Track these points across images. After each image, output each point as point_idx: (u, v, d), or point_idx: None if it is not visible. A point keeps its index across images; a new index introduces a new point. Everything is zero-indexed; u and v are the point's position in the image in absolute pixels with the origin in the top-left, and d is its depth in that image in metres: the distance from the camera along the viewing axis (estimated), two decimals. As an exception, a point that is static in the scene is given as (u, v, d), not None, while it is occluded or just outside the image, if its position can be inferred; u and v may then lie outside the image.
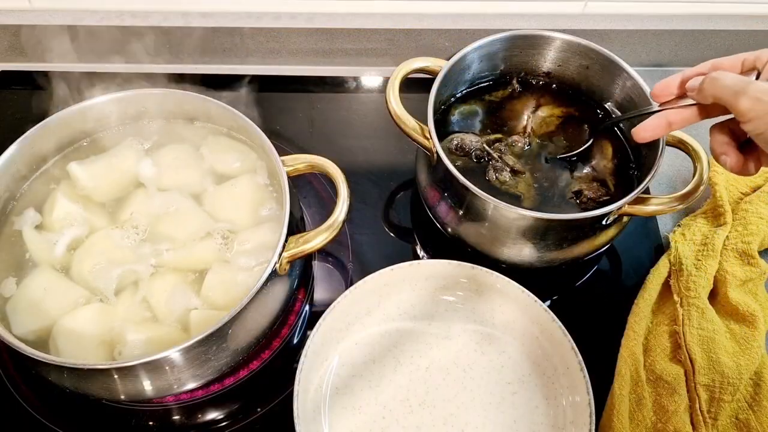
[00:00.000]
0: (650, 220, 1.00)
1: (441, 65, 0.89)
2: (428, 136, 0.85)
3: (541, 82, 1.00)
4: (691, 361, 0.82)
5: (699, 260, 0.90)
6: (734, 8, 1.19)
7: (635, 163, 0.92)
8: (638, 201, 0.82)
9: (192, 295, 0.78)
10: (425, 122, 0.85)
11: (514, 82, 0.99)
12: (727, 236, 0.92)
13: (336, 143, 1.08)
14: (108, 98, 0.88)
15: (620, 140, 0.94)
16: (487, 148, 0.91)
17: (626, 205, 0.81)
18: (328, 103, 1.14)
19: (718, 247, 0.90)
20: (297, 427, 0.74)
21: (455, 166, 0.81)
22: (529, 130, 0.94)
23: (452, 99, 0.97)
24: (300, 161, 0.83)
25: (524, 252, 0.86)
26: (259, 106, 0.96)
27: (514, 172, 0.88)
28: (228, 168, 0.88)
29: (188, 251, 0.81)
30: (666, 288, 0.91)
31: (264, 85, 1.13)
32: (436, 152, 0.83)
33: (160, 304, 0.77)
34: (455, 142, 0.92)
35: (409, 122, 0.87)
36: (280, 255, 0.75)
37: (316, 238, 0.77)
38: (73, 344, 0.73)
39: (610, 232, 0.87)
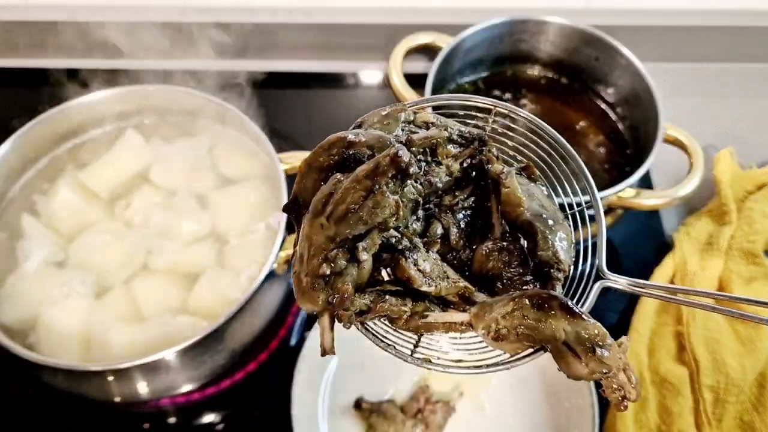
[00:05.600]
0: (654, 219, 0.98)
1: (446, 41, 0.87)
2: None
3: (539, 71, 1.00)
4: (695, 362, 0.81)
5: (704, 259, 0.89)
6: (738, 4, 1.17)
7: (629, 155, 0.92)
8: (636, 194, 0.84)
9: (185, 296, 0.77)
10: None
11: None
12: (732, 235, 0.91)
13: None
14: (104, 94, 0.87)
15: (615, 127, 0.94)
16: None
17: (618, 198, 0.82)
18: (327, 99, 1.12)
19: (723, 247, 0.89)
20: (295, 430, 0.73)
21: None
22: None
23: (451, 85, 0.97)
24: (298, 159, 0.82)
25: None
26: (257, 103, 0.94)
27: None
28: (233, 171, 0.87)
29: (184, 252, 0.79)
30: (671, 288, 0.89)
31: (262, 81, 1.11)
32: None
33: (150, 305, 0.75)
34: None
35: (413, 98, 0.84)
36: (278, 254, 0.73)
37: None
38: (55, 338, 0.72)
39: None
